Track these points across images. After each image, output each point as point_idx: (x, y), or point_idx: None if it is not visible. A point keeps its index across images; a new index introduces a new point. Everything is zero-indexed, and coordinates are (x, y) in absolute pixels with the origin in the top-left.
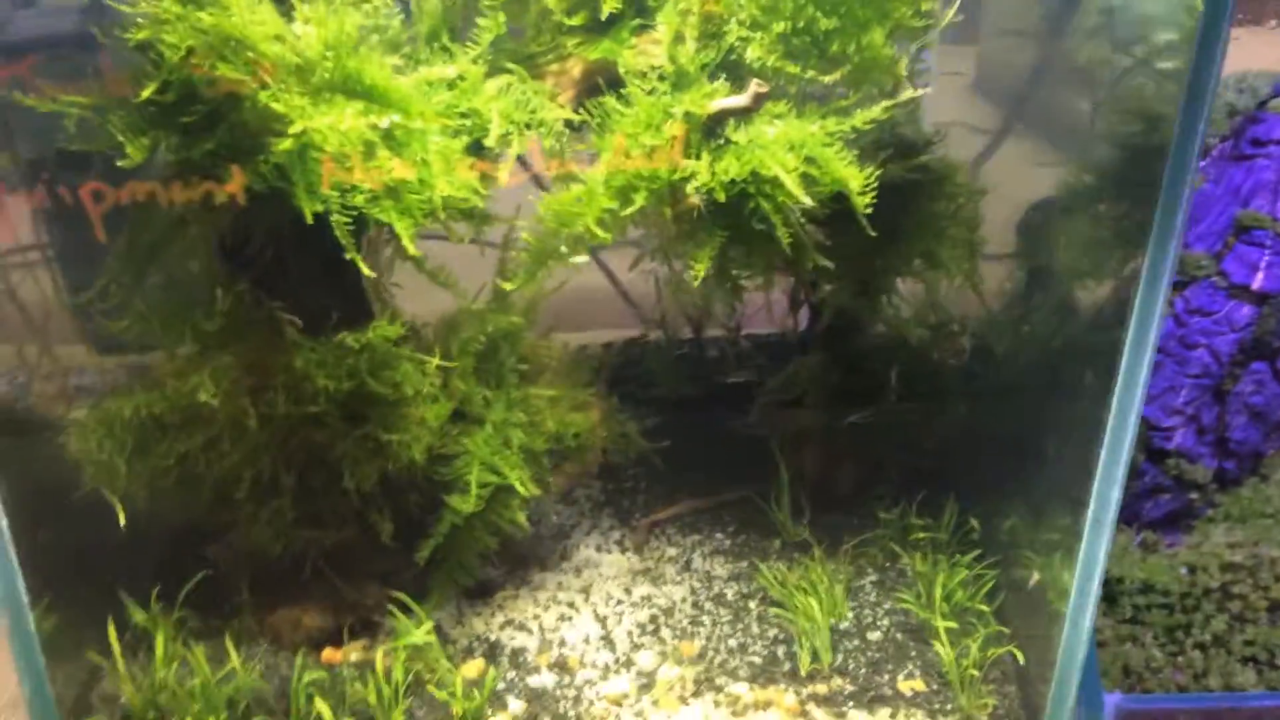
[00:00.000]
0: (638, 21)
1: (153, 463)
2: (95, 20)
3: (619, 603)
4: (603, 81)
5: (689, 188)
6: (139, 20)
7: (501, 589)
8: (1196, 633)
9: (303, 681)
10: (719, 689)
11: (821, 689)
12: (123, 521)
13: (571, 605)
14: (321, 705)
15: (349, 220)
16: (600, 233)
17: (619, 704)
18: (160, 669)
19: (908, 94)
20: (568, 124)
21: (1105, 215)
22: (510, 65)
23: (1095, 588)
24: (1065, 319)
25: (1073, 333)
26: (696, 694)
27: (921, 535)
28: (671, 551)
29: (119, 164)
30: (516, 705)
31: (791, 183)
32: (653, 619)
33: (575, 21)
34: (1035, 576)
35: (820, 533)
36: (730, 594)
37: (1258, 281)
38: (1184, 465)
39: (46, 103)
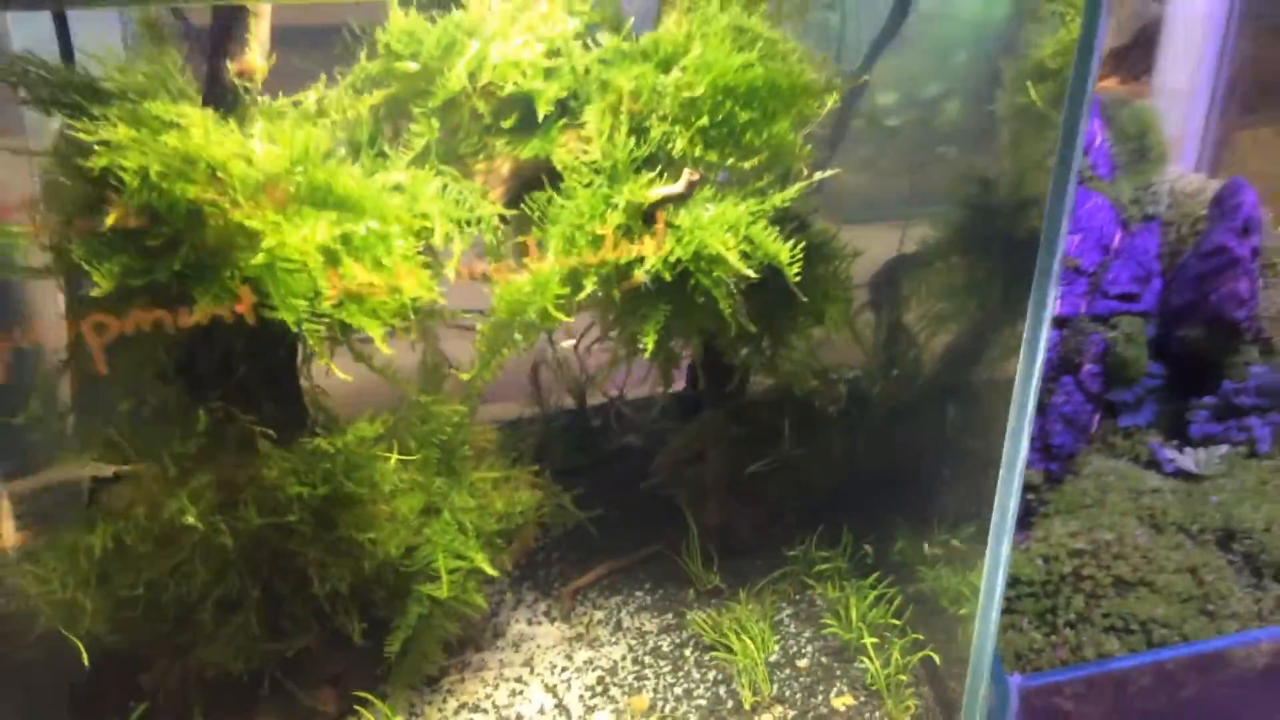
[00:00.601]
0: (564, 121)
1: (117, 593)
2: None
3: (564, 670)
4: (541, 177)
5: (638, 270)
6: (96, 147)
7: (446, 675)
8: (1062, 614)
9: None
10: None
11: (768, 717)
12: (85, 661)
13: (519, 680)
14: None
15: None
16: (561, 316)
17: None
18: None
19: (819, 175)
20: (502, 218)
21: (958, 266)
22: (443, 167)
23: (1000, 586)
24: (930, 360)
25: (940, 371)
26: None
27: (825, 567)
28: (599, 615)
29: None
30: None
31: (733, 259)
32: (599, 680)
33: (507, 124)
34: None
35: (731, 577)
36: (665, 645)
37: (1056, 308)
38: None
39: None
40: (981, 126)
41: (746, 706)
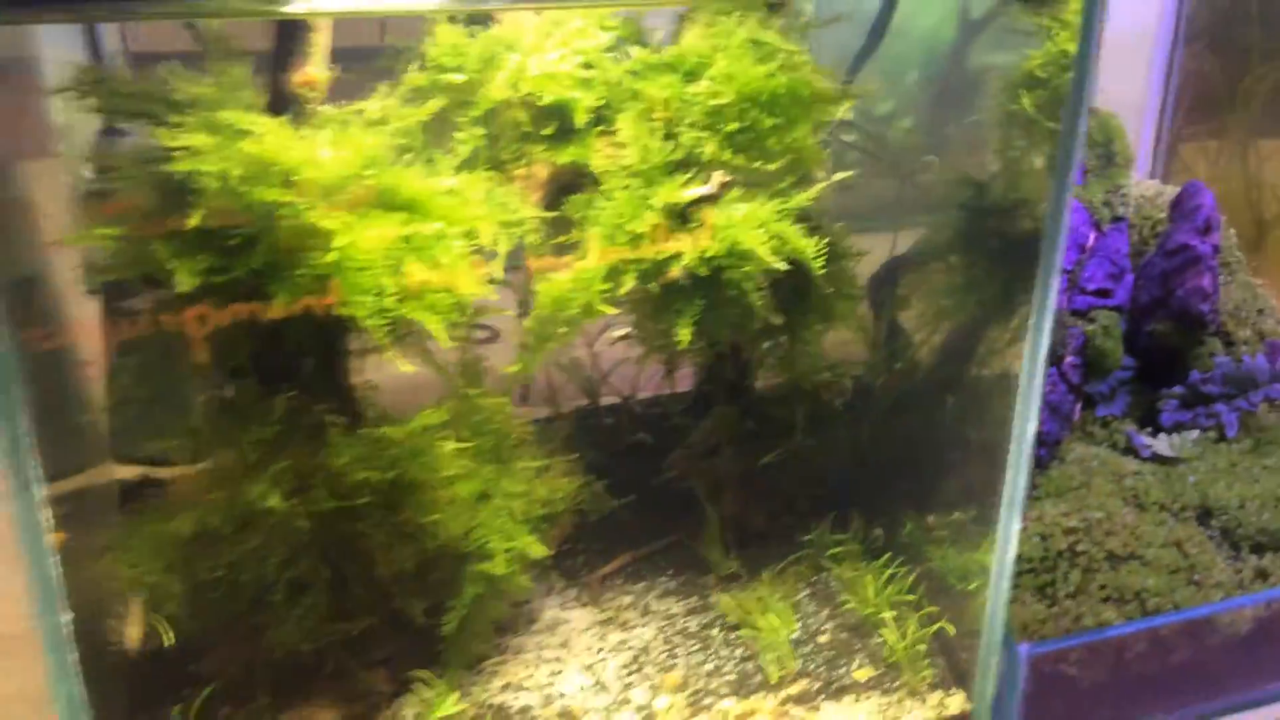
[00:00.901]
0: (599, 128)
1: (196, 577)
2: None
3: (599, 651)
4: (578, 181)
5: (674, 266)
6: (176, 153)
7: (488, 658)
8: (1061, 587)
9: None
10: (709, 708)
11: (794, 690)
12: (169, 641)
13: (557, 660)
14: None
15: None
16: (608, 309)
17: None
18: None
19: (839, 175)
20: (541, 220)
21: (955, 265)
22: (487, 173)
23: (1011, 559)
24: (931, 354)
25: (941, 364)
26: (692, 716)
27: (838, 550)
28: (626, 599)
29: None
30: None
31: (765, 253)
32: (633, 659)
33: (546, 132)
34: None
35: (748, 563)
36: (692, 626)
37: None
38: None
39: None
40: (964, 135)
41: (773, 680)
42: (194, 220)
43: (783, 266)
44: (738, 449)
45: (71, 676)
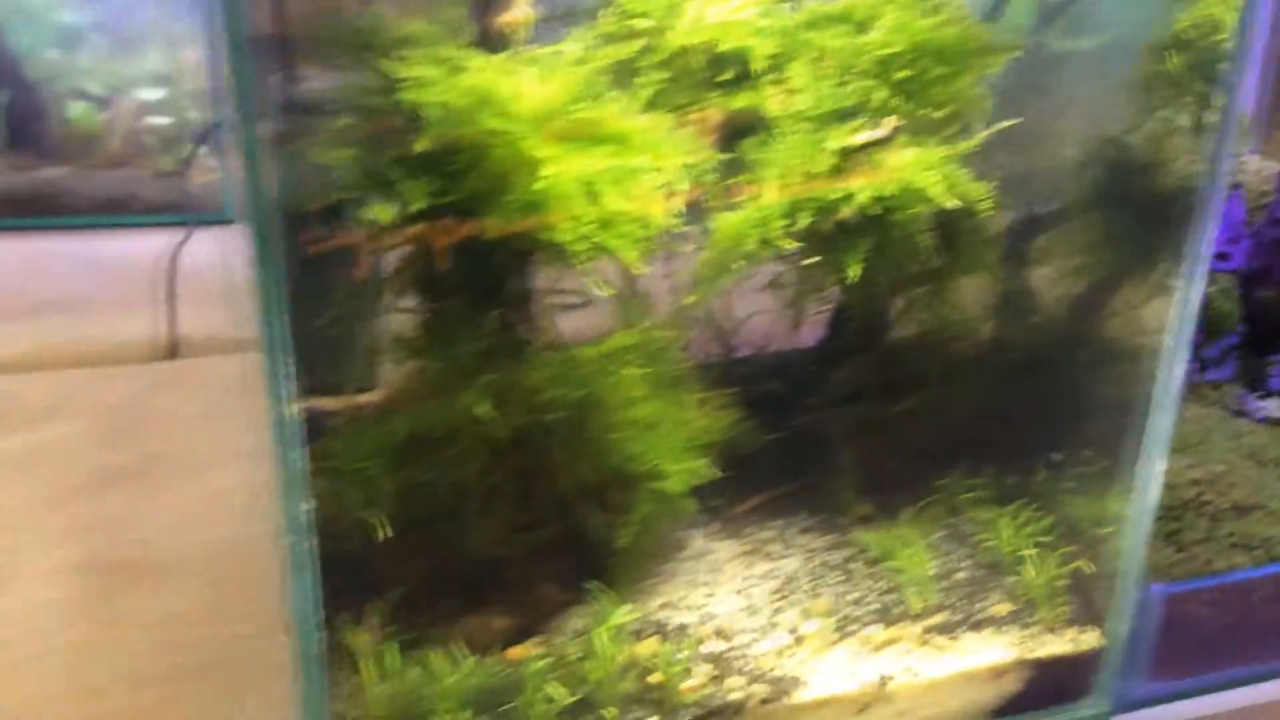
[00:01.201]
0: (772, 76)
1: (403, 480)
2: None
3: (746, 578)
4: (750, 125)
5: (850, 204)
6: (401, 83)
7: (645, 579)
8: (1190, 534)
9: (531, 670)
10: (854, 633)
11: (936, 621)
12: (383, 535)
13: (708, 585)
14: (555, 688)
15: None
16: (787, 243)
17: (781, 655)
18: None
19: (1001, 125)
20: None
21: (1097, 222)
22: (667, 115)
23: (1154, 500)
24: (1066, 308)
25: (1076, 318)
26: (840, 640)
27: (970, 495)
28: (767, 534)
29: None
30: (703, 668)
31: (939, 194)
32: (781, 587)
33: (723, 77)
34: None
35: (882, 505)
36: (833, 560)
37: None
38: None
39: (330, 156)
40: (1094, 97)
41: (915, 611)
42: (423, 144)
43: (956, 204)
44: (874, 396)
45: (308, 564)
